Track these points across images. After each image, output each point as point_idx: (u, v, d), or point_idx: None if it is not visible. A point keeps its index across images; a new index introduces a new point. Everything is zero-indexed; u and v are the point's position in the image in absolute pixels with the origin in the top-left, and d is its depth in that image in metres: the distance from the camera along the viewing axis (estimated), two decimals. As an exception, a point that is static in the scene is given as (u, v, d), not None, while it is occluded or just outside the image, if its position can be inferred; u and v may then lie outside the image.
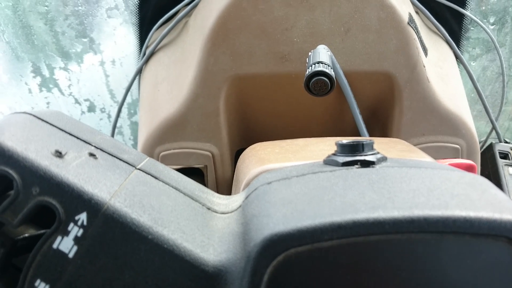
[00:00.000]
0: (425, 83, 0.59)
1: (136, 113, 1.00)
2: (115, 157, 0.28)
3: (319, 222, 0.21)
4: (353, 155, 0.28)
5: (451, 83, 0.65)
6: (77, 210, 0.23)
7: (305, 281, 0.21)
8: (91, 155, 0.27)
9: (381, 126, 0.63)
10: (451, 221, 0.21)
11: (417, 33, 0.60)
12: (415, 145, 0.59)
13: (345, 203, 0.23)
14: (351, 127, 0.63)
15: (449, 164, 0.50)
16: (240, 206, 0.28)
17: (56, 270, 0.23)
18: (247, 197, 0.28)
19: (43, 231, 0.26)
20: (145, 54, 0.73)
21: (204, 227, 0.26)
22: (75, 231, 0.23)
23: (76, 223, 0.23)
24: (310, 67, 0.47)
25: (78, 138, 0.28)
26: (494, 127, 0.78)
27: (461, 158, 0.61)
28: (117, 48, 0.91)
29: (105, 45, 0.91)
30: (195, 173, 0.62)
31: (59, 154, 0.25)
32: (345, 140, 0.30)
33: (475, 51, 0.90)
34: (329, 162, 0.29)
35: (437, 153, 0.61)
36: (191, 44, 0.63)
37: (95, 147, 0.28)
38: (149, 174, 0.28)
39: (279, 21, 0.57)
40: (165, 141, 0.61)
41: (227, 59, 0.58)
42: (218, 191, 0.63)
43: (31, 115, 0.27)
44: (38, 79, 0.95)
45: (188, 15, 0.71)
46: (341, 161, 0.28)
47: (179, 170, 0.61)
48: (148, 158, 0.30)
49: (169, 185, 0.28)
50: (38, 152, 0.24)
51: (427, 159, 0.41)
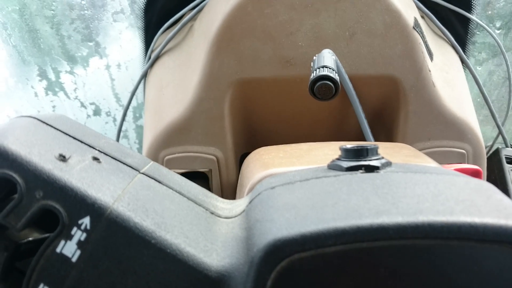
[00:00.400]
0: (430, 88, 0.59)
1: (141, 116, 1.00)
2: (118, 161, 0.28)
3: (322, 227, 0.21)
4: (357, 160, 0.28)
5: (457, 87, 0.65)
6: (81, 214, 0.23)
7: (309, 287, 0.21)
8: (95, 159, 0.27)
9: (386, 130, 0.63)
10: (456, 227, 0.21)
11: (423, 37, 0.60)
12: (420, 150, 0.59)
13: (349, 209, 0.23)
14: (356, 132, 0.63)
15: (455, 169, 0.50)
16: (243, 210, 0.28)
17: (59, 274, 0.23)
18: (250, 202, 0.28)
19: (46, 235, 0.26)
20: (150, 58, 0.73)
21: (207, 232, 0.26)
22: (78, 235, 0.23)
23: (79, 227, 0.23)
24: (314, 71, 0.47)
25: (82, 142, 0.28)
26: (500, 132, 0.77)
27: (467, 163, 0.61)
28: (122, 52, 0.91)
29: (110, 49, 0.92)
30: (200, 177, 0.62)
31: (63, 158, 0.25)
32: (349, 144, 0.30)
33: (481, 55, 0.90)
34: (333, 167, 0.29)
35: (443, 158, 0.60)
36: (196, 48, 0.63)
37: (99, 151, 0.28)
38: (152, 178, 0.28)
39: (284, 25, 0.57)
40: (169, 145, 0.61)
41: (232, 63, 0.58)
42: (222, 195, 0.63)
43: (35, 118, 0.27)
44: (44, 83, 0.96)
45: (193, 19, 0.71)
46: (345, 166, 0.28)
47: (183, 174, 0.61)
48: (152, 162, 0.30)
49: (172, 190, 0.28)
50: (41, 155, 0.24)
51: (432, 164, 0.41)
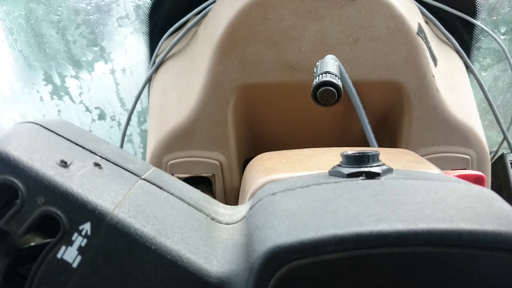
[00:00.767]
0: (434, 93, 0.59)
1: (146, 121, 1.00)
2: (120, 167, 0.28)
3: (322, 234, 0.21)
4: (359, 167, 0.28)
5: (461, 93, 0.65)
6: (81, 220, 0.23)
7: (308, 294, 0.21)
8: (96, 165, 0.27)
9: (390, 136, 0.63)
10: (456, 234, 0.21)
11: (427, 43, 0.60)
12: (424, 156, 0.59)
13: (348, 215, 0.23)
14: (360, 137, 0.63)
15: (458, 175, 0.50)
16: (244, 216, 0.28)
17: (60, 279, 0.23)
18: (251, 208, 0.28)
19: (48, 241, 0.26)
20: (154, 63, 0.74)
21: (207, 238, 0.26)
22: (79, 241, 0.23)
23: (80, 233, 0.23)
24: (317, 77, 0.47)
25: (83, 147, 0.28)
26: (505, 137, 0.77)
27: (471, 168, 0.60)
28: (127, 56, 0.92)
29: (115, 53, 0.92)
30: (203, 182, 0.62)
31: (64, 164, 0.25)
32: (351, 151, 0.30)
33: (486, 61, 0.90)
34: (334, 173, 0.29)
35: (447, 164, 0.60)
36: (200, 53, 0.63)
37: (100, 156, 0.28)
38: (153, 184, 0.28)
39: (288, 31, 0.57)
40: (173, 149, 0.61)
41: (236, 68, 0.58)
42: (226, 200, 0.63)
43: (37, 124, 0.28)
44: (49, 87, 0.96)
45: (197, 24, 0.72)
46: (346, 173, 0.28)
47: (187, 178, 0.61)
48: (153, 168, 0.30)
49: (173, 195, 0.28)
50: (43, 161, 0.24)
51: (435, 170, 0.41)
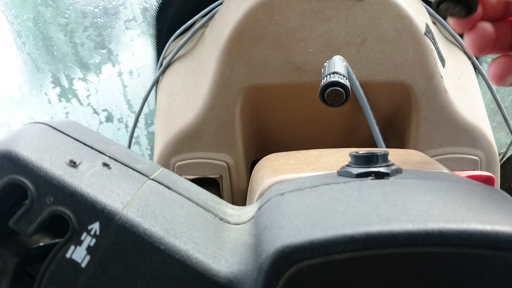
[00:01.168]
0: (442, 94, 0.58)
1: (153, 123, 1.00)
2: (128, 167, 0.28)
3: (331, 234, 0.21)
4: (367, 167, 0.28)
5: (469, 94, 0.64)
6: (90, 219, 0.23)
7: (317, 294, 0.21)
8: (105, 165, 0.27)
9: (398, 137, 0.62)
10: (467, 234, 0.21)
11: (434, 43, 0.60)
12: (432, 157, 0.59)
13: (358, 215, 0.22)
14: (367, 138, 0.62)
15: (467, 176, 0.50)
16: (253, 217, 0.28)
17: (69, 279, 0.23)
18: (260, 208, 0.28)
19: (57, 240, 0.26)
20: (162, 65, 0.74)
21: (216, 238, 0.26)
22: (88, 240, 0.23)
23: (89, 232, 0.23)
24: (325, 78, 0.47)
25: (92, 148, 0.28)
26: (514, 139, 0.76)
27: (480, 170, 0.60)
28: (134, 59, 0.92)
29: (123, 56, 0.93)
30: (211, 183, 0.62)
31: (73, 164, 0.25)
32: (360, 151, 0.29)
33: (494, 61, 0.89)
34: (343, 173, 0.29)
35: (456, 165, 0.60)
36: (207, 54, 0.64)
37: (109, 157, 0.28)
38: (162, 184, 0.28)
39: (295, 32, 0.57)
40: (181, 151, 0.61)
41: (243, 69, 0.58)
42: (233, 201, 0.63)
43: (46, 125, 0.28)
44: (57, 90, 0.97)
45: (204, 26, 0.72)
46: (355, 173, 0.28)
47: (194, 180, 0.61)
48: (161, 168, 0.30)
49: (182, 196, 0.28)
50: (52, 161, 0.24)
51: (444, 171, 0.41)
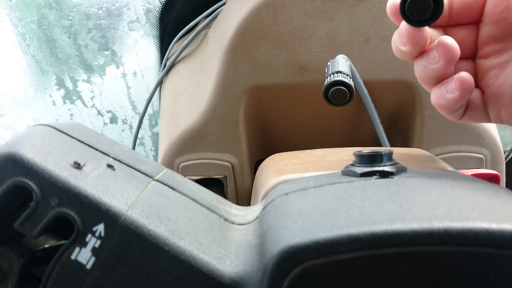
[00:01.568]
0: (447, 92, 0.58)
1: (157, 124, 1.01)
2: (132, 168, 0.28)
3: (336, 234, 0.21)
4: (372, 166, 0.28)
5: (474, 91, 0.64)
6: (95, 221, 0.23)
7: (323, 294, 0.21)
8: (109, 166, 0.27)
9: (402, 135, 0.62)
10: (472, 233, 0.21)
11: (438, 41, 0.60)
12: (437, 155, 0.58)
13: (363, 215, 0.22)
14: (372, 137, 0.62)
15: (472, 174, 0.49)
16: (257, 217, 0.28)
17: (74, 281, 0.23)
18: (264, 208, 0.28)
19: (62, 242, 0.26)
20: (165, 66, 0.74)
21: (221, 239, 0.26)
22: (92, 242, 0.23)
23: (93, 234, 0.23)
24: (328, 77, 0.47)
25: (96, 149, 0.28)
26: (519, 136, 0.76)
27: (485, 168, 0.60)
28: (138, 60, 0.92)
29: (126, 57, 0.93)
30: (215, 184, 0.62)
31: (78, 165, 0.25)
32: (364, 150, 0.29)
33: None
34: (347, 172, 0.29)
35: (460, 163, 0.59)
36: (210, 55, 0.64)
37: (113, 158, 0.28)
38: (166, 185, 0.28)
39: (298, 31, 0.57)
40: (185, 152, 0.61)
41: (246, 69, 0.58)
42: (238, 202, 0.63)
43: (50, 127, 0.28)
44: (62, 92, 0.97)
45: (207, 26, 0.72)
46: (359, 172, 0.28)
47: (199, 180, 0.61)
48: (166, 169, 0.30)
49: (186, 196, 0.28)
50: (57, 163, 0.24)
51: (449, 169, 0.41)
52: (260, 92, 0.59)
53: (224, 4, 0.69)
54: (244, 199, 0.63)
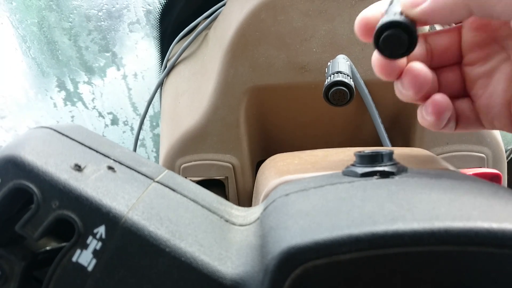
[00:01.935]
0: (447, 91, 0.58)
1: (158, 125, 1.01)
2: (133, 170, 0.28)
3: (336, 234, 0.21)
4: (372, 166, 0.28)
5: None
6: (96, 223, 0.23)
7: (324, 295, 0.21)
8: (110, 168, 0.27)
9: (404, 135, 0.62)
10: (473, 232, 0.21)
11: (439, 40, 0.60)
12: (438, 154, 0.58)
13: (363, 215, 0.22)
14: (373, 137, 0.62)
15: (473, 174, 0.49)
16: (258, 218, 0.28)
17: (75, 283, 0.23)
18: (265, 209, 0.28)
19: (63, 244, 0.26)
20: (166, 67, 0.74)
21: (222, 240, 0.26)
22: (93, 244, 0.23)
23: (94, 236, 0.23)
24: (329, 77, 0.47)
25: (97, 151, 0.28)
26: (520, 135, 0.76)
27: (487, 167, 0.60)
28: (139, 61, 0.93)
29: (127, 59, 0.93)
30: (217, 185, 0.62)
31: (78, 167, 0.25)
32: (365, 150, 0.29)
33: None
34: (348, 173, 0.29)
35: (462, 162, 0.59)
36: (211, 56, 0.64)
37: (114, 160, 0.28)
38: (167, 186, 0.28)
39: (298, 32, 0.57)
40: (186, 153, 0.61)
41: (247, 70, 0.58)
42: (239, 203, 0.63)
43: (51, 129, 0.28)
44: (62, 94, 0.97)
45: (208, 27, 0.72)
46: (360, 172, 0.28)
47: (200, 181, 0.61)
48: (166, 170, 0.30)
49: (187, 198, 0.28)
50: (57, 166, 0.24)
51: (450, 169, 0.41)
52: (260, 92, 0.59)
53: (224, 5, 0.69)
54: (245, 199, 0.63)
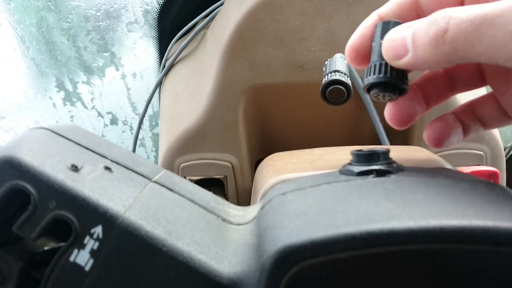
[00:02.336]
0: (445, 89, 0.58)
1: (157, 125, 1.01)
2: (130, 170, 0.28)
3: (332, 233, 0.21)
4: (369, 165, 0.28)
5: (473, 88, 0.64)
6: (93, 223, 0.23)
7: (320, 293, 0.21)
8: (107, 168, 0.27)
9: (402, 133, 0.62)
10: (468, 230, 0.21)
11: (437, 38, 0.60)
12: (437, 153, 0.58)
13: (359, 214, 0.22)
14: (371, 135, 0.62)
15: (471, 172, 0.49)
16: (255, 217, 0.28)
17: (73, 283, 0.23)
18: (262, 208, 0.28)
19: (60, 244, 0.26)
20: (164, 66, 0.74)
21: (219, 239, 0.26)
22: (91, 244, 0.23)
23: (92, 236, 0.23)
24: (326, 76, 0.47)
25: (94, 151, 0.28)
26: (519, 133, 0.76)
27: (485, 165, 0.60)
28: (137, 61, 0.93)
29: (125, 58, 0.93)
30: (216, 184, 0.62)
31: (75, 168, 0.25)
32: (362, 149, 0.29)
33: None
34: (345, 171, 0.29)
35: (460, 160, 0.59)
36: (209, 55, 0.64)
37: (111, 160, 0.28)
38: (164, 186, 0.28)
39: (296, 31, 0.57)
40: (185, 152, 0.61)
41: (245, 69, 0.58)
42: (238, 202, 0.63)
43: (48, 130, 0.28)
44: (62, 94, 0.97)
45: (206, 27, 0.72)
46: (356, 171, 0.28)
47: (199, 181, 0.61)
48: (164, 170, 0.30)
49: (184, 197, 0.28)
50: (54, 166, 0.24)
51: (447, 167, 0.41)
52: (259, 91, 0.59)
53: (222, 4, 0.69)
54: (244, 198, 0.63)
